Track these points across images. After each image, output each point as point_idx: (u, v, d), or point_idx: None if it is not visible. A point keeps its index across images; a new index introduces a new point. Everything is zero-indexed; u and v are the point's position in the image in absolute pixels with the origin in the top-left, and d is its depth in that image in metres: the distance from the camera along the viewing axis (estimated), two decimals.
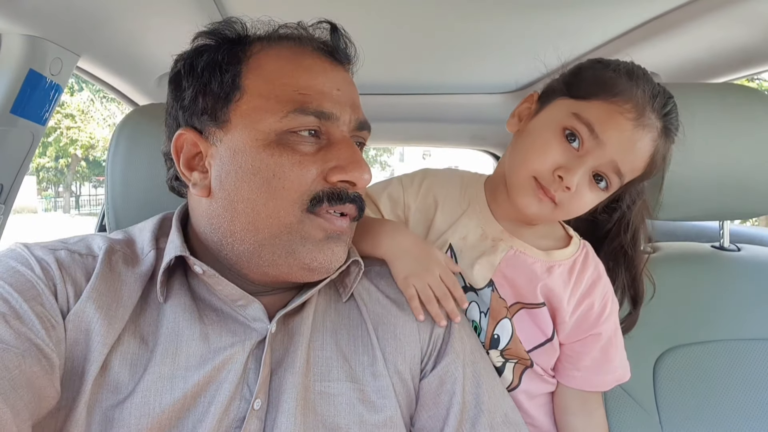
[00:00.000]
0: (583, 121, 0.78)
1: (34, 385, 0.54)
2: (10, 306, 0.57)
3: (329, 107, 0.67)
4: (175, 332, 0.65)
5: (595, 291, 0.88)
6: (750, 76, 1.37)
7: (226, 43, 0.70)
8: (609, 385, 0.90)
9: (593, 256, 0.92)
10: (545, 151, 0.80)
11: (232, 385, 0.62)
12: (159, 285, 0.66)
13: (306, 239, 0.66)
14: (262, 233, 0.66)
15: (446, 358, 0.74)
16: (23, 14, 1.03)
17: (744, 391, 0.96)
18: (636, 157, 0.79)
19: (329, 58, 0.72)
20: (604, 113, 0.78)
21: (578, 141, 0.79)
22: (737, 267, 1.07)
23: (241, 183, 0.65)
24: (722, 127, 0.95)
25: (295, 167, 0.65)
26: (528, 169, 0.82)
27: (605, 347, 0.88)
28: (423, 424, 0.72)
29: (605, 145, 0.77)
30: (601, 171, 0.80)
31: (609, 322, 0.88)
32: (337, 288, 0.77)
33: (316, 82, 0.68)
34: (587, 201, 0.82)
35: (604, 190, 0.81)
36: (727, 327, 1.00)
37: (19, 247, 0.66)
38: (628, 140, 0.77)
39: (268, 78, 0.67)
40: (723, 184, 0.97)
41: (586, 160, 0.78)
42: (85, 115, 16.55)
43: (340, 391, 0.67)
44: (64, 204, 20.94)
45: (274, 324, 0.67)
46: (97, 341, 0.60)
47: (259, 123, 0.65)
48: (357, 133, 0.73)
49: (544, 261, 0.88)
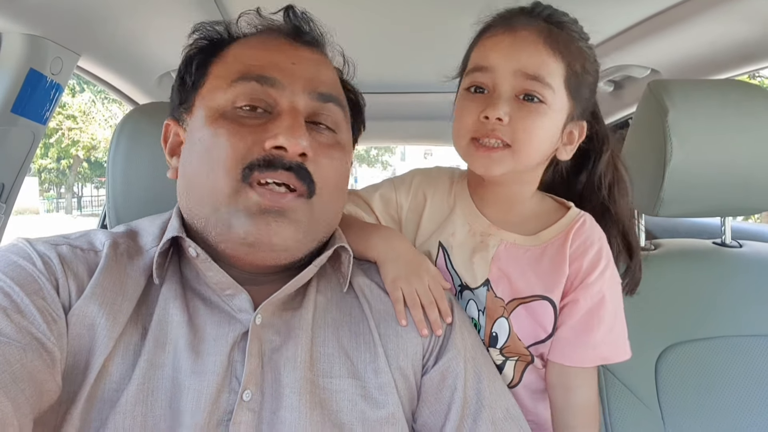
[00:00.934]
0: (474, 70, 0.82)
1: (36, 379, 0.54)
2: (12, 300, 0.57)
3: (273, 73, 0.68)
4: (165, 319, 0.65)
5: (583, 258, 0.84)
6: (751, 73, 1.37)
7: (206, 46, 0.76)
8: (591, 362, 0.83)
9: (590, 227, 0.87)
10: (464, 111, 0.83)
11: (219, 377, 0.62)
12: (155, 266, 0.67)
13: (240, 211, 0.65)
14: (207, 207, 0.67)
15: (447, 354, 0.73)
16: (24, 13, 1.03)
17: (745, 387, 0.96)
18: (532, 54, 0.79)
19: (293, 42, 0.74)
20: (482, 49, 0.83)
21: (483, 89, 0.81)
22: (739, 263, 1.07)
23: (191, 158, 0.70)
24: (723, 123, 0.95)
25: (231, 137, 0.66)
26: (461, 136, 0.83)
27: (586, 319, 0.83)
28: (425, 420, 0.72)
29: (497, 66, 0.79)
30: (519, 89, 0.79)
31: (590, 290, 0.83)
32: (339, 280, 0.77)
33: (267, 54, 0.71)
34: (535, 124, 0.80)
35: (542, 102, 0.79)
36: (729, 323, 1.00)
37: (21, 241, 0.66)
38: (510, 46, 0.79)
39: (228, 61, 0.72)
40: (724, 181, 0.97)
41: (496, 89, 0.80)
42: (86, 116, 16.57)
43: (342, 387, 0.67)
44: (66, 205, 20.97)
45: (259, 315, 0.66)
46: (102, 335, 0.61)
47: (211, 101, 0.70)
48: (319, 104, 0.71)
49: (536, 246, 0.87)
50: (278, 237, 0.65)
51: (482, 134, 0.80)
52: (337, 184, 0.73)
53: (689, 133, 0.92)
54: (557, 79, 0.80)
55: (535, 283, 0.85)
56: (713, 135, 0.94)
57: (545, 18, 0.81)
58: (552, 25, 0.81)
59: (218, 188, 0.66)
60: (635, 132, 1.03)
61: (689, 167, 0.93)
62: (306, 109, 0.70)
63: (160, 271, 0.68)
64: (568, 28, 0.82)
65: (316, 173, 0.68)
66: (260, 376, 0.64)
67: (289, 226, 0.66)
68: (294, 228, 0.67)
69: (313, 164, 0.68)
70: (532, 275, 0.86)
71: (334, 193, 0.72)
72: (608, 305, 0.83)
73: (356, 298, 0.76)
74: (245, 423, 0.60)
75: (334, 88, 0.75)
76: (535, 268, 0.86)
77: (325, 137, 0.72)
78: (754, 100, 0.97)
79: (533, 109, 0.79)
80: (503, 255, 0.87)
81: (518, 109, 0.79)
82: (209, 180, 0.66)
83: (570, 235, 0.85)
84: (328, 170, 0.70)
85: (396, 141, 3.09)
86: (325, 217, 0.72)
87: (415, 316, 0.76)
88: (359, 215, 0.94)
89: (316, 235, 0.72)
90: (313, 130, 0.71)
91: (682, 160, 0.92)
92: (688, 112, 0.92)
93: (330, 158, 0.71)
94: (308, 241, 0.70)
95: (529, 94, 0.79)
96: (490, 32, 0.83)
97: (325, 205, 0.71)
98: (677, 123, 0.91)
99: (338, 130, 0.74)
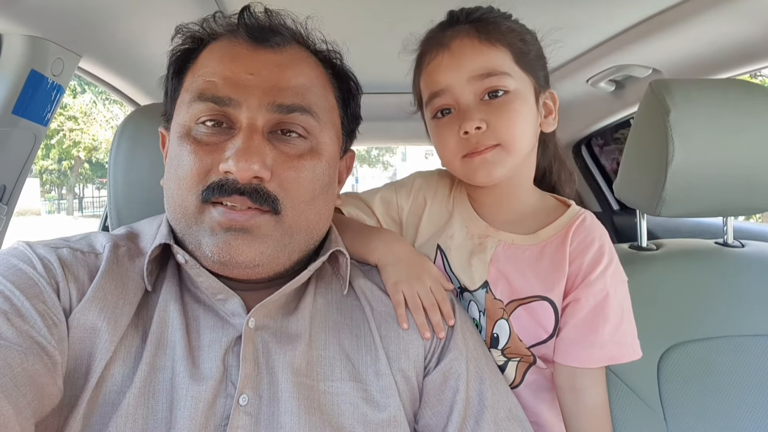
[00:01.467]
0: (432, 97, 0.85)
1: (37, 382, 0.54)
2: (12, 303, 0.57)
3: (226, 92, 0.66)
4: (165, 323, 0.65)
5: (584, 256, 0.83)
6: (752, 72, 1.37)
7: (181, 55, 0.75)
8: (598, 362, 0.82)
9: (591, 224, 0.87)
10: (443, 137, 0.85)
11: (215, 382, 0.61)
12: (146, 273, 0.67)
13: (205, 231, 0.65)
14: (180, 222, 0.67)
15: (449, 355, 0.73)
16: (24, 15, 1.03)
17: (748, 387, 0.96)
18: (474, 56, 0.81)
19: (255, 45, 0.71)
20: (428, 75, 0.85)
21: (449, 109, 0.84)
22: (741, 263, 1.07)
23: (166, 173, 0.71)
24: (725, 123, 0.94)
25: (191, 156, 0.66)
26: (452, 160, 0.86)
27: (590, 317, 0.82)
28: (427, 422, 0.71)
29: (449, 84, 0.82)
30: (480, 91, 0.81)
31: (592, 288, 0.82)
32: (339, 283, 0.77)
33: (224, 68, 0.68)
34: (512, 115, 0.81)
35: (507, 92, 0.81)
36: (731, 323, 1.00)
37: (22, 245, 0.66)
38: (452, 60, 0.82)
39: (195, 73, 0.71)
40: (726, 181, 0.97)
41: (460, 103, 0.82)
42: (87, 117, 16.59)
43: (343, 390, 0.66)
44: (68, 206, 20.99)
45: (252, 319, 0.66)
46: (103, 339, 0.60)
47: (179, 116, 0.70)
48: (280, 116, 0.68)
49: (534, 245, 0.86)
50: (243, 256, 0.64)
51: (470, 149, 0.82)
52: (309, 193, 0.69)
53: (691, 132, 0.92)
54: (508, 64, 0.82)
55: (535, 283, 0.85)
56: (715, 134, 0.93)
57: (466, 20, 0.84)
58: (474, 22, 0.83)
59: (185, 206, 0.66)
60: (637, 132, 1.03)
61: (691, 167, 0.93)
62: (266, 123, 0.67)
63: (152, 279, 0.68)
64: (489, 16, 0.84)
65: (280, 188, 0.66)
66: (257, 379, 0.64)
67: (252, 243, 0.65)
68: (260, 244, 0.65)
69: (275, 181, 0.66)
70: (532, 275, 0.85)
71: (309, 203, 0.69)
72: (613, 303, 0.82)
73: (357, 300, 0.76)
74: (243, 427, 0.60)
75: (301, 94, 0.70)
76: (534, 267, 0.85)
77: (293, 147, 0.69)
78: (755, 99, 0.96)
79: (504, 102, 0.81)
80: (501, 256, 0.87)
81: (490, 110, 0.80)
82: (179, 197, 0.67)
83: (570, 233, 0.85)
84: (294, 183, 0.67)
85: (397, 141, 3.08)
86: (301, 227, 0.69)
87: (417, 319, 0.75)
88: (360, 217, 0.94)
89: (294, 246, 0.70)
90: (280, 141, 0.68)
91: (684, 159, 0.91)
92: (690, 112, 0.92)
93: (297, 170, 0.68)
94: (286, 253, 0.68)
95: (492, 90, 0.81)
96: (428, 58, 0.85)
97: (298, 216, 0.68)
98: (679, 123, 0.91)
99: (312, 136, 0.71)
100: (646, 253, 1.09)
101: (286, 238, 0.68)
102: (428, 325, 0.75)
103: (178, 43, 0.75)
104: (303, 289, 0.74)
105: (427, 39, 0.87)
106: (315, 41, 0.78)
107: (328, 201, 0.75)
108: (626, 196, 1.10)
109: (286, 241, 0.68)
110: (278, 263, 0.68)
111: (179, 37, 0.74)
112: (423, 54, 0.87)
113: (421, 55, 0.88)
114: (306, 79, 0.72)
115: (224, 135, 0.66)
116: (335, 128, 0.77)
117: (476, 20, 0.83)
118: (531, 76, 0.84)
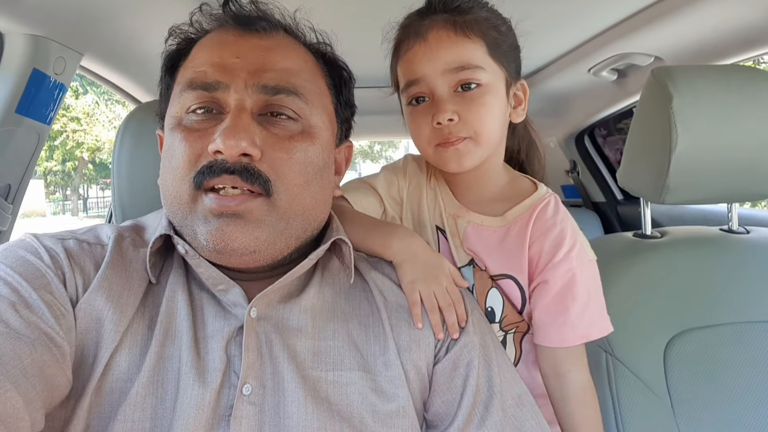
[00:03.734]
0: (408, 85, 0.87)
1: (46, 373, 0.54)
2: (20, 295, 0.58)
3: (214, 77, 0.67)
4: (173, 312, 0.65)
5: (545, 239, 0.86)
6: (755, 58, 1.36)
7: (172, 54, 0.76)
8: (572, 341, 0.84)
9: (554, 208, 0.90)
10: (417, 124, 0.88)
11: (219, 372, 0.61)
12: (148, 264, 0.67)
13: (199, 219, 0.65)
14: (176, 214, 0.67)
15: (459, 343, 0.73)
16: (26, 14, 1.03)
17: (754, 373, 0.96)
18: (450, 48, 0.83)
19: (242, 31, 0.72)
20: (405, 64, 0.87)
21: (424, 97, 0.87)
22: (746, 249, 1.06)
23: (162, 166, 0.71)
24: (728, 109, 0.94)
25: (182, 144, 0.66)
26: (425, 147, 0.89)
27: (559, 298, 0.84)
28: (437, 409, 0.71)
29: (425, 75, 0.84)
30: (454, 83, 0.84)
31: (558, 270, 0.85)
32: (346, 272, 0.77)
33: (212, 55, 0.69)
34: (484, 108, 0.84)
35: (480, 85, 0.84)
36: (737, 310, 1.00)
37: (28, 237, 0.66)
38: (428, 51, 0.84)
39: (186, 67, 0.72)
40: (730, 167, 0.96)
41: (434, 94, 0.85)
42: (90, 117, 16.63)
43: (352, 380, 0.66)
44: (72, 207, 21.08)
45: (254, 309, 0.66)
46: (109, 329, 0.61)
47: (170, 109, 0.70)
48: (267, 98, 0.68)
49: (501, 227, 0.90)
50: (237, 242, 0.64)
51: (443, 139, 0.85)
52: (302, 176, 0.68)
53: (694, 119, 0.91)
54: (481, 56, 0.84)
55: (501, 262, 0.89)
56: (718, 121, 0.93)
57: (443, 10, 0.85)
58: (451, 12, 0.84)
59: (180, 196, 0.66)
60: (640, 120, 1.03)
61: (695, 154, 0.93)
62: (254, 104, 0.67)
63: (155, 270, 0.68)
64: (465, 6, 0.85)
65: (272, 170, 0.65)
66: (260, 369, 0.64)
67: (246, 228, 0.64)
68: (254, 229, 0.65)
69: (266, 162, 0.65)
70: (497, 255, 0.89)
71: (302, 186, 0.69)
72: (580, 284, 0.85)
73: (369, 291, 0.75)
74: (247, 417, 0.60)
75: (287, 77, 0.70)
76: (499, 247, 0.89)
77: (283, 129, 0.68)
78: (758, 84, 0.96)
79: (476, 96, 0.84)
80: (471, 236, 0.91)
81: (462, 102, 0.84)
82: (173, 188, 0.66)
83: (533, 216, 0.88)
84: (285, 164, 0.67)
85: (398, 135, 3.08)
86: (296, 212, 0.69)
87: (433, 319, 0.75)
88: (364, 204, 0.95)
89: (291, 231, 0.69)
90: (270, 123, 0.68)
91: (687, 146, 0.91)
92: (693, 99, 0.92)
93: (288, 151, 0.67)
94: (283, 239, 0.68)
95: (465, 83, 0.84)
96: (405, 47, 0.87)
97: (292, 199, 0.68)
98: (682, 109, 0.91)
99: (302, 118, 0.70)
100: (651, 241, 1.09)
101: (282, 223, 0.67)
102: (442, 326, 0.75)
103: (171, 44, 0.76)
104: (308, 279, 0.74)
105: (404, 26, 0.89)
106: (304, 32, 0.78)
107: (324, 186, 0.74)
108: (630, 185, 1.10)
109: (282, 226, 0.67)
110: (275, 249, 0.68)
111: (172, 39, 0.76)
112: (401, 41, 0.89)
113: (398, 41, 0.90)
114: (292, 63, 0.72)
115: (214, 120, 0.67)
116: (327, 113, 0.77)
117: (452, 10, 0.85)
118: (503, 68, 0.87)
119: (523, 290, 0.87)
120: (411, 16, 0.89)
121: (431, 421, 0.72)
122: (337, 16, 0.74)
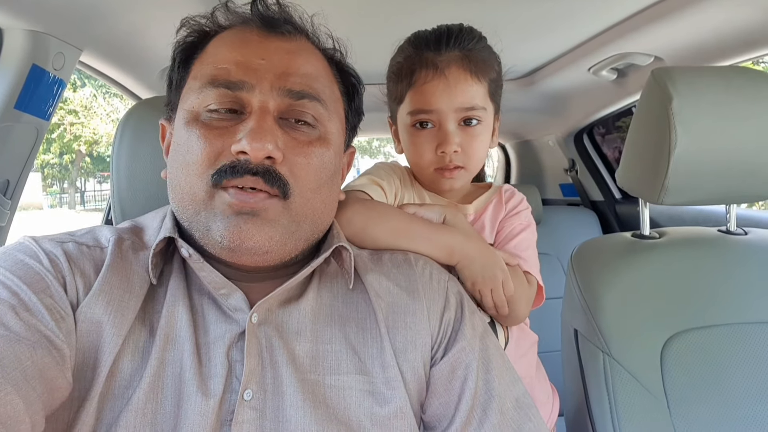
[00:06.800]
0: (419, 112, 0.95)
1: (46, 376, 0.54)
2: (20, 298, 0.57)
3: (239, 76, 0.67)
4: (174, 317, 0.65)
5: (511, 199, 1.04)
6: (755, 59, 1.36)
7: (188, 46, 0.75)
8: (510, 260, 0.95)
9: (510, 189, 1.07)
10: (420, 147, 0.97)
11: (220, 377, 0.62)
12: (150, 266, 0.66)
13: (216, 215, 0.64)
14: (187, 210, 0.67)
15: (457, 345, 0.73)
16: (25, 9, 1.03)
17: (751, 374, 0.96)
18: (465, 90, 0.92)
19: (266, 32, 0.72)
20: (421, 95, 0.94)
21: (427, 123, 0.95)
22: (744, 250, 1.07)
23: (173, 161, 0.70)
24: (728, 110, 0.94)
25: (200, 141, 0.65)
26: (425, 168, 0.99)
27: (511, 235, 1.00)
28: (434, 411, 0.71)
29: (440, 109, 0.92)
30: (460, 119, 0.94)
31: (518, 218, 1.01)
32: (345, 277, 0.77)
33: (236, 54, 0.69)
34: (480, 143, 0.96)
35: (479, 122, 0.95)
36: (734, 311, 1.00)
37: (28, 240, 0.66)
38: (446, 89, 0.91)
39: (204, 62, 0.71)
40: (729, 168, 0.96)
41: (442, 126, 0.94)
42: (88, 110, 16.57)
43: (349, 384, 0.66)
44: (70, 200, 21.02)
45: (255, 314, 0.66)
46: (110, 333, 0.60)
47: (186, 103, 0.69)
48: (291, 102, 0.69)
49: (470, 215, 1.02)
50: (252, 240, 0.64)
51: (444, 165, 0.96)
52: (316, 181, 0.70)
53: (693, 120, 0.91)
54: (484, 97, 0.94)
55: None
56: (718, 122, 0.93)
57: (455, 45, 0.92)
58: (462, 49, 0.93)
59: (195, 192, 0.65)
60: (639, 120, 1.03)
61: (694, 155, 0.93)
62: (277, 107, 0.68)
63: (156, 272, 0.68)
64: (473, 44, 0.93)
65: (290, 174, 0.66)
66: (261, 374, 0.64)
67: (263, 227, 0.64)
68: (269, 229, 0.65)
69: (286, 165, 0.66)
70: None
71: (315, 191, 0.70)
72: (529, 232, 1.01)
73: (365, 293, 0.75)
74: (248, 422, 0.60)
75: (310, 81, 0.71)
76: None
77: (302, 134, 0.69)
78: (758, 86, 0.96)
79: (476, 132, 0.95)
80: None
81: (465, 135, 0.94)
82: (187, 183, 0.66)
83: (502, 198, 1.04)
84: (303, 169, 0.68)
85: None
86: (307, 215, 0.70)
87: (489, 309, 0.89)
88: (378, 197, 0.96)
89: (301, 234, 0.70)
90: (290, 128, 0.69)
91: (686, 147, 0.91)
92: (693, 99, 0.92)
93: (306, 156, 0.68)
94: (292, 240, 0.68)
95: (468, 119, 0.94)
96: (422, 78, 0.93)
97: (305, 203, 0.69)
98: (681, 110, 0.91)
99: (320, 124, 0.72)
100: (649, 241, 1.09)
101: (294, 225, 0.68)
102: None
103: (183, 35, 0.75)
104: (306, 283, 0.74)
105: (418, 55, 0.95)
106: (320, 37, 0.79)
107: (332, 191, 0.75)
108: (628, 185, 1.10)
109: (294, 228, 0.68)
110: (285, 251, 0.68)
111: (185, 30, 0.75)
112: (415, 69, 0.95)
113: (412, 69, 0.95)
114: (314, 68, 0.73)
115: (234, 120, 0.67)
116: (340, 120, 0.78)
117: (465, 47, 0.93)
118: (494, 103, 0.98)
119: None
120: (421, 42, 0.96)
121: (428, 422, 0.72)
122: (340, 12, 0.74)
